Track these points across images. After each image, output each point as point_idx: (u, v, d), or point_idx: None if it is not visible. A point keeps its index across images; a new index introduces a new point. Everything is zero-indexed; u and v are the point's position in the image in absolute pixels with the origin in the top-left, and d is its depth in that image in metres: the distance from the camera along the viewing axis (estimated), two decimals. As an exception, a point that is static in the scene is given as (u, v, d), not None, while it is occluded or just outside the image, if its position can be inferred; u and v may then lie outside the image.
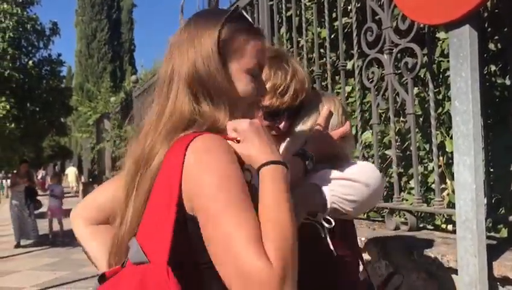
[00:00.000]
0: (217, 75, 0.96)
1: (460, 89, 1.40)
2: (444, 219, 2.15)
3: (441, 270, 1.64)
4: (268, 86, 1.22)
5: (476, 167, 1.37)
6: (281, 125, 1.33)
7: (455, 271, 1.56)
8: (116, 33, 24.03)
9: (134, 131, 7.43)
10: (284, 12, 3.08)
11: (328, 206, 1.22)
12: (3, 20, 9.35)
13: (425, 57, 2.06)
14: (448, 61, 2.26)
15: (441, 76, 2.36)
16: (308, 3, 2.83)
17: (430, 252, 1.69)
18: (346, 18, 2.67)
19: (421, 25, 2.04)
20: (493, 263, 1.43)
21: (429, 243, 1.80)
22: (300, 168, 1.23)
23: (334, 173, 1.26)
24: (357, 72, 2.44)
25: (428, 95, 2.36)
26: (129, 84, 9.12)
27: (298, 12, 2.92)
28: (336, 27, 2.67)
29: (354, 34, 2.39)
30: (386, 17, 2.15)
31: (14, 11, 9.44)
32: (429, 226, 2.22)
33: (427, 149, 2.34)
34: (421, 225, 2.20)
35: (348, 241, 1.34)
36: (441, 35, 2.22)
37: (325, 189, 1.23)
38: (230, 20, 0.99)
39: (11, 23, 9.28)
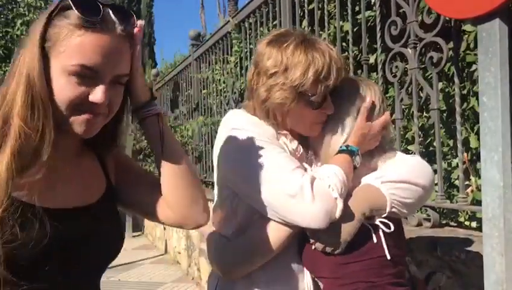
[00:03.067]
0: (37, 76, 0.85)
1: (489, 85, 1.37)
2: (467, 216, 2.11)
3: (466, 268, 1.62)
4: (311, 73, 1.19)
5: (504, 164, 1.34)
6: (329, 111, 1.28)
7: (480, 269, 1.53)
8: (136, 26, 24.16)
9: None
10: (306, 5, 3.06)
11: (388, 209, 1.20)
12: (27, 13, 9.49)
13: (451, 51, 2.02)
14: (474, 54, 2.22)
15: (466, 71, 2.32)
16: (330, -3, 2.81)
17: (454, 249, 1.67)
18: (369, 11, 2.63)
19: (447, 19, 2.00)
20: (519, 261, 1.40)
21: (453, 240, 1.78)
22: (351, 166, 1.22)
23: (391, 174, 1.23)
24: (380, 66, 2.41)
25: (454, 90, 2.33)
26: (149, 78, 9.17)
27: (320, 5, 2.89)
28: (359, 20, 2.64)
29: (378, 28, 2.36)
30: (411, 11, 2.12)
31: (37, 4, 9.56)
32: (452, 223, 2.19)
33: (451, 145, 2.30)
34: (444, 222, 2.17)
35: (401, 240, 1.31)
36: (467, 27, 2.18)
37: (385, 192, 1.21)
38: (58, 11, 0.87)
39: (35, 16, 9.40)
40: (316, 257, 1.23)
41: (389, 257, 1.18)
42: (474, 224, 2.06)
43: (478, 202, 2.00)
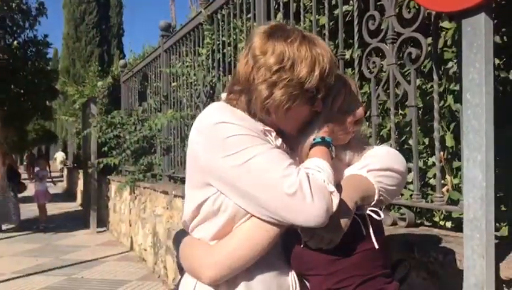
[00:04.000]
0: None
1: (473, 81, 1.33)
2: (442, 216, 2.09)
3: (443, 270, 1.58)
4: (317, 70, 1.16)
5: (487, 164, 1.30)
6: (319, 109, 1.26)
7: (459, 271, 1.49)
8: (104, 16, 23.59)
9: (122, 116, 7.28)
10: (281, -3, 2.98)
11: (376, 197, 1.22)
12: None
13: (429, 47, 1.98)
14: (452, 52, 2.20)
15: (441, 68, 2.30)
16: (307, -11, 2.74)
17: (431, 250, 1.63)
18: (346, 6, 2.58)
19: (426, 14, 1.96)
20: (500, 264, 1.37)
21: (430, 241, 1.74)
22: (330, 157, 1.20)
23: (375, 163, 1.26)
24: (356, 61, 2.36)
25: (430, 87, 2.30)
26: (117, 69, 8.93)
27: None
28: (335, 14, 2.58)
29: (355, 22, 2.31)
30: (390, 4, 2.07)
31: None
32: (427, 223, 2.16)
33: (426, 143, 2.27)
34: (419, 221, 2.14)
35: (382, 229, 1.33)
36: (445, 24, 2.15)
37: (372, 180, 1.23)
38: None
39: None
40: (306, 255, 1.21)
41: (377, 247, 1.20)
42: (449, 224, 2.03)
43: (454, 202, 1.98)
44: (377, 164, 1.26)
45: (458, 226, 2.01)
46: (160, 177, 5.84)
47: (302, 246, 1.21)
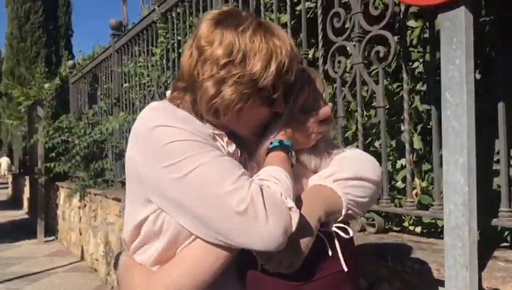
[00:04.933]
0: None
1: (453, 79, 1.24)
2: (411, 221, 2.02)
3: (420, 279, 1.49)
4: (273, 65, 0.97)
5: (469, 167, 1.22)
6: (280, 110, 1.08)
7: (436, 281, 1.41)
8: (51, 16, 22.68)
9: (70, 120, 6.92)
10: (240, -6, 2.85)
11: (344, 212, 1.04)
12: None
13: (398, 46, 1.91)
14: (418, 51, 2.14)
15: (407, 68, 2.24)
16: (267, -15, 2.63)
17: (406, 259, 1.54)
18: (309, 3, 2.48)
19: (395, 11, 1.89)
20: (482, 273, 1.29)
21: (403, 248, 1.66)
22: (289, 165, 1.02)
23: (343, 171, 1.07)
24: (321, 61, 2.26)
25: (397, 87, 2.24)
26: (65, 70, 8.53)
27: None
28: (298, 12, 2.47)
29: (319, 20, 2.21)
30: (356, 1, 1.98)
31: None
32: (395, 228, 2.09)
33: (393, 146, 2.20)
34: (387, 227, 2.06)
35: (354, 247, 1.16)
36: (411, 23, 2.09)
37: (339, 191, 1.04)
38: None
39: None
40: (263, 280, 1.03)
41: (346, 269, 1.03)
42: (419, 229, 1.96)
43: (423, 206, 1.91)
44: (345, 172, 1.08)
45: (429, 231, 1.95)
46: (112, 183, 5.59)
47: (258, 269, 1.02)
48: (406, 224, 2.03)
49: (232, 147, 1.06)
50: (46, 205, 8.53)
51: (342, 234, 1.04)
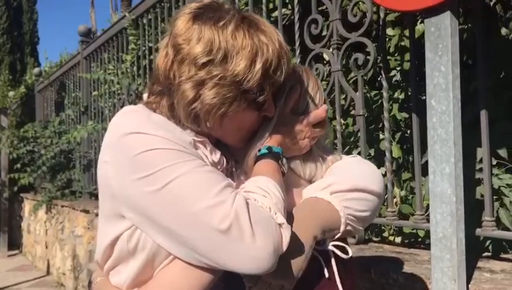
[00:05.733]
0: None
1: (439, 86, 1.21)
2: (391, 231, 1.99)
3: (404, 293, 1.45)
4: (259, 64, 0.87)
5: (456, 176, 1.19)
6: (270, 114, 0.99)
7: (422, 294, 1.37)
8: (16, 22, 22.12)
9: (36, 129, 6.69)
10: (214, 0, 2.79)
11: (342, 228, 0.94)
12: None
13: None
14: (395, 60, 2.12)
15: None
16: (242, -9, 2.58)
17: (390, 271, 1.49)
18: (285, 9, 2.44)
19: (374, 18, 1.87)
20: (469, 285, 1.26)
21: (386, 260, 1.62)
22: (280, 174, 0.92)
23: (342, 182, 0.96)
24: (297, 68, 2.22)
25: (375, 95, 2.22)
26: (31, 78, 8.26)
27: (230, 1, 2.64)
28: (273, 18, 2.43)
29: (296, 27, 2.17)
30: (334, 8, 1.95)
31: None
32: (375, 238, 2.05)
33: (372, 154, 2.18)
34: (366, 237, 2.02)
35: (353, 267, 1.06)
36: (389, 31, 2.08)
37: (337, 205, 0.94)
38: None
39: None
40: None
41: None
42: (399, 239, 1.93)
43: (404, 215, 1.88)
44: (344, 183, 0.97)
45: (409, 241, 1.92)
46: (80, 194, 5.41)
47: None
48: (386, 234, 1.99)
49: (217, 156, 0.96)
50: (9, 218, 8.20)
51: (340, 254, 0.95)
